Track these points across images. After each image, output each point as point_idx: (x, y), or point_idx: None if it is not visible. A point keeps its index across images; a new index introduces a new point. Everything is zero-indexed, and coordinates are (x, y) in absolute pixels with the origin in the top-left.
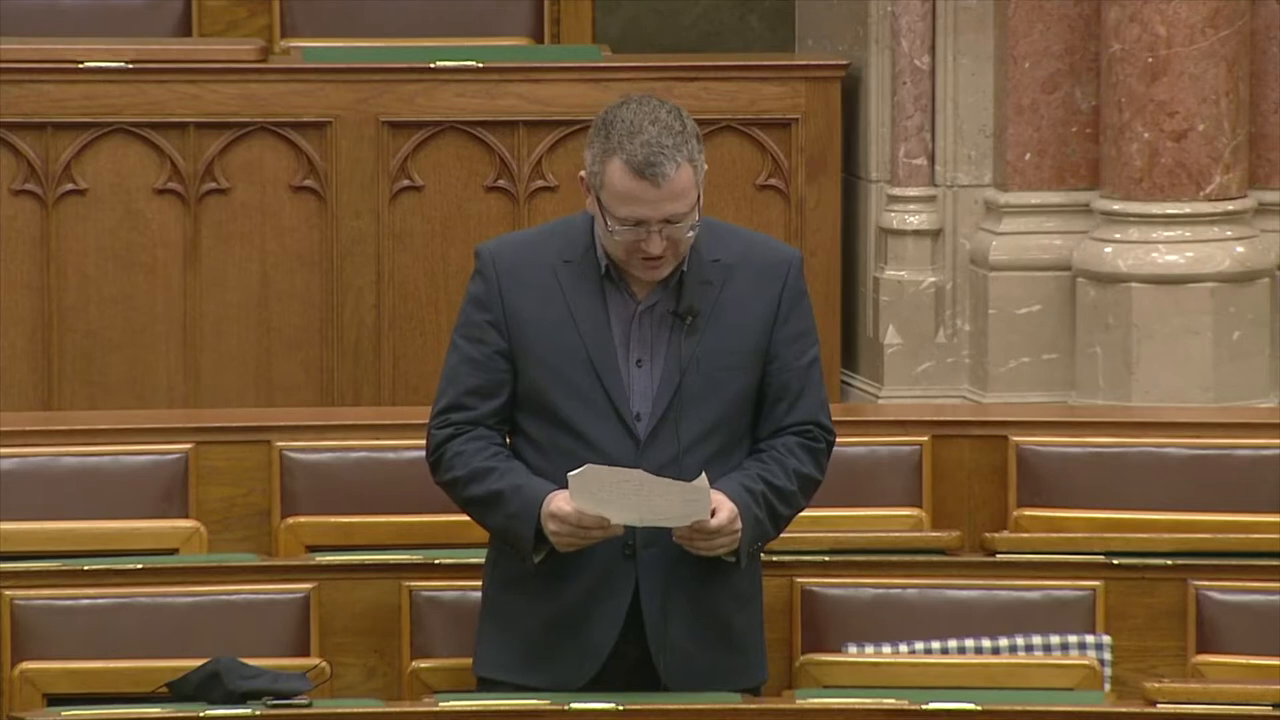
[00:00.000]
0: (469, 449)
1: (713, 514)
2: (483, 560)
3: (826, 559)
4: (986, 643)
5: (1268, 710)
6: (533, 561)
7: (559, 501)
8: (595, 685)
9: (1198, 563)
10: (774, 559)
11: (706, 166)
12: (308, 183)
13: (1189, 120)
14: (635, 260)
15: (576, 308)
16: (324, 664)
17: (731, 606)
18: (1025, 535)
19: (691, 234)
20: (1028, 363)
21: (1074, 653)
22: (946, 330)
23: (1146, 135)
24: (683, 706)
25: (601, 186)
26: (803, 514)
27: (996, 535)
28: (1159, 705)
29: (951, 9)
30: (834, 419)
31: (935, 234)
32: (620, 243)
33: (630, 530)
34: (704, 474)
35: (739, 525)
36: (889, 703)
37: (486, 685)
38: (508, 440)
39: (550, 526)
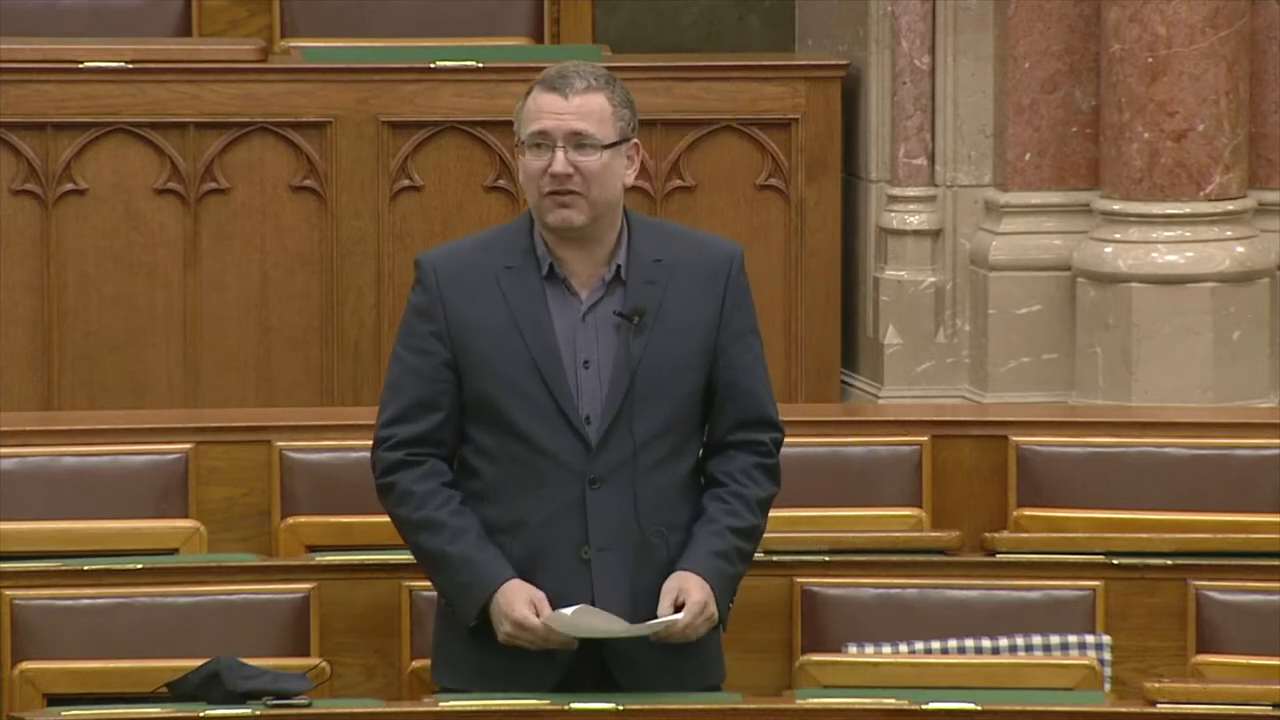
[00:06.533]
0: (420, 491)
1: (680, 606)
2: None
3: (826, 559)
4: (986, 643)
5: (1268, 710)
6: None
7: (524, 610)
8: (557, 692)
9: (1198, 563)
10: (774, 559)
11: (638, 140)
12: (308, 183)
13: (1189, 120)
14: (546, 202)
15: (519, 312)
16: (324, 664)
17: None
18: (1025, 535)
19: (600, 168)
20: (1028, 363)
21: (1074, 653)
22: (946, 330)
23: (1146, 135)
24: (682, 706)
25: (521, 126)
26: (802, 514)
27: (996, 535)
28: (1159, 705)
29: (951, 9)
30: (834, 419)
31: (935, 234)
32: (530, 176)
33: (584, 536)
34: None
35: (713, 608)
36: (889, 703)
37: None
38: (457, 452)
39: (505, 628)
